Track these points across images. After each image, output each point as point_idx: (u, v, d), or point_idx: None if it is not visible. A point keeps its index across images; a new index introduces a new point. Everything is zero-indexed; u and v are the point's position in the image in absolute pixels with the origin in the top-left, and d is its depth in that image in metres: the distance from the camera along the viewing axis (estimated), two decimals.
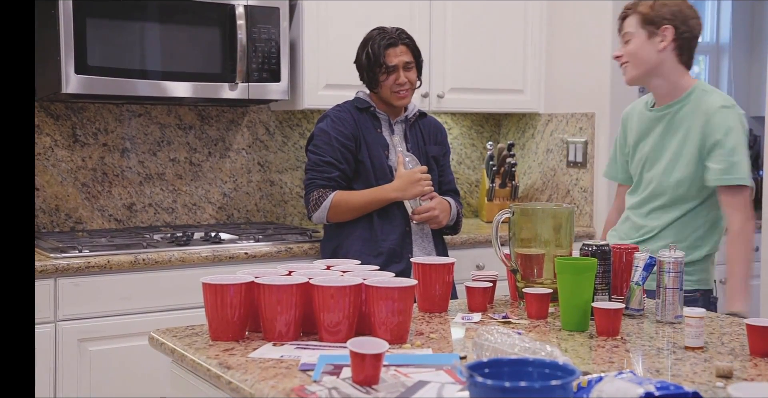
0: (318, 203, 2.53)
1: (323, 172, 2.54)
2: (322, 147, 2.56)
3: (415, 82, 2.62)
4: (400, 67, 2.56)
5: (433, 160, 2.70)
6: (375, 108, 2.63)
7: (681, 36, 2.19)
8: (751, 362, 1.51)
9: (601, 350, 1.59)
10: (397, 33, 2.59)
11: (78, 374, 2.50)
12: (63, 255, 2.52)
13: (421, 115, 2.73)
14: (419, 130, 2.71)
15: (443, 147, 2.76)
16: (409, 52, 2.59)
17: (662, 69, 2.22)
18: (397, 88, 2.57)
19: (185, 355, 1.55)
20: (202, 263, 2.66)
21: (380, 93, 2.61)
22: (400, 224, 2.59)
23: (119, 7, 2.72)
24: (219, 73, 2.89)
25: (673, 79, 2.23)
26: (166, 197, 3.20)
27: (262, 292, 1.58)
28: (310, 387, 1.30)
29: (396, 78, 2.56)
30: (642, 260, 1.83)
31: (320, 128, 2.60)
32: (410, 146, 2.66)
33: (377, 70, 2.56)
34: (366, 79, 2.62)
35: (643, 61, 2.21)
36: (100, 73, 2.69)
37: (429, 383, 1.32)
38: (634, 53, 2.21)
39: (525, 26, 3.56)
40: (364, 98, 2.65)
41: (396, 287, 1.58)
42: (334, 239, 2.63)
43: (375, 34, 2.60)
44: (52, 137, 2.99)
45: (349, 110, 2.62)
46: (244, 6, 2.89)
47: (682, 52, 2.22)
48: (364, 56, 2.58)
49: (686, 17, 2.19)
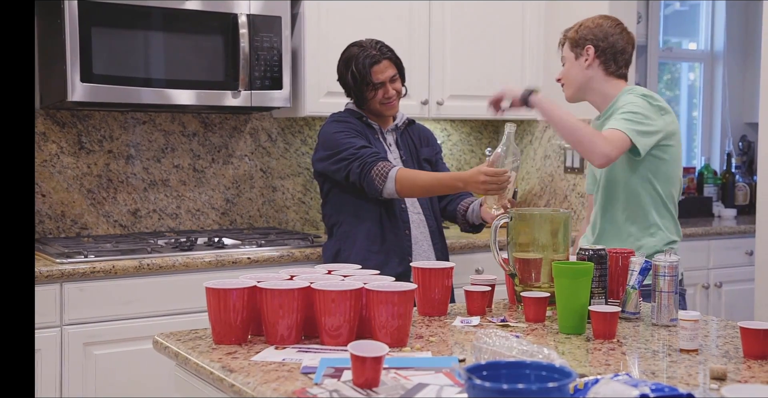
0: (382, 176, 2.46)
1: (365, 154, 2.50)
2: (347, 141, 2.54)
3: (401, 91, 2.64)
4: (387, 82, 2.59)
5: (426, 162, 2.72)
6: (367, 118, 2.66)
7: (603, 52, 2.35)
8: (745, 364, 1.52)
9: (598, 352, 1.60)
10: (378, 47, 2.59)
11: (83, 377, 2.53)
12: (69, 260, 2.54)
13: (410, 122, 2.77)
14: (409, 136, 2.74)
15: (434, 148, 2.79)
16: (392, 65, 2.60)
17: (592, 84, 2.38)
18: (386, 100, 2.60)
19: (189, 358, 1.57)
20: (205, 268, 2.69)
21: (369, 107, 2.64)
22: (401, 228, 2.61)
23: (124, 16, 2.75)
24: (222, 81, 2.92)
25: (603, 92, 2.38)
26: (170, 203, 3.23)
27: (265, 296, 1.60)
28: (311, 390, 1.31)
29: (385, 92, 2.59)
30: (638, 264, 1.85)
31: (329, 132, 2.59)
32: (403, 152, 2.68)
33: (365, 88, 2.58)
34: (354, 97, 2.64)
35: (574, 80, 2.40)
36: (105, 82, 2.72)
37: (428, 385, 1.33)
38: (567, 74, 2.42)
39: (523, 33, 3.58)
40: (355, 110, 2.68)
41: (396, 292, 1.60)
42: (336, 243, 2.65)
43: (356, 52, 2.59)
44: (58, 144, 3.03)
45: (350, 116, 2.65)
46: (246, 15, 2.92)
47: (608, 65, 2.36)
48: (350, 76, 2.59)
49: (606, 34, 2.35)
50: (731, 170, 4.53)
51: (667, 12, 4.73)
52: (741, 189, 4.45)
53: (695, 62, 4.81)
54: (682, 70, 4.91)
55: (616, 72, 2.37)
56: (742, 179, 4.48)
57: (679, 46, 4.86)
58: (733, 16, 4.68)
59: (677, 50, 4.79)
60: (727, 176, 4.49)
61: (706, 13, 4.76)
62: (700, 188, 4.41)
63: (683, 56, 4.83)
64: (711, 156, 4.73)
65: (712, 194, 4.40)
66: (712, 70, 4.74)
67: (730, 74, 4.70)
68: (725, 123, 4.70)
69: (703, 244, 3.75)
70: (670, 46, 4.74)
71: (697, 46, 4.82)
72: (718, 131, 4.74)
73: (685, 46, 4.89)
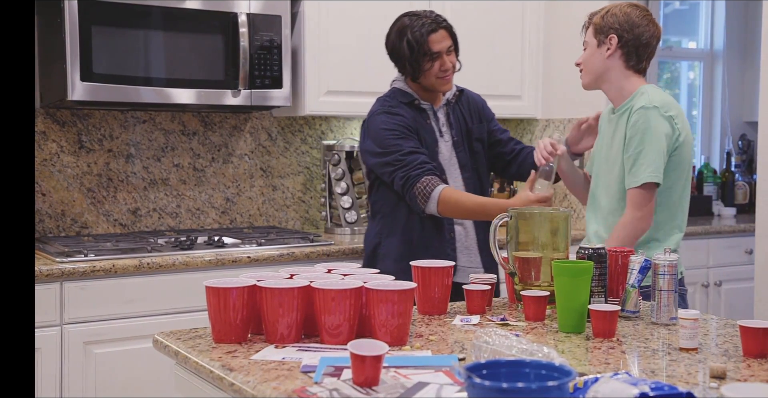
0: (425, 194, 2.37)
1: (411, 163, 2.39)
2: (394, 143, 2.42)
3: (456, 65, 2.51)
4: (444, 53, 2.45)
5: (477, 141, 2.59)
6: (419, 101, 2.52)
7: (626, 44, 2.29)
8: (744, 363, 1.52)
9: (598, 351, 1.61)
10: (433, 17, 2.46)
11: (84, 376, 2.53)
12: (69, 259, 2.55)
13: (460, 92, 2.61)
14: (460, 111, 2.59)
15: (485, 121, 2.64)
16: (449, 36, 2.47)
17: (609, 75, 2.32)
18: (442, 74, 2.46)
19: (189, 357, 1.57)
20: (205, 267, 2.69)
21: (424, 81, 2.49)
22: (443, 232, 2.50)
23: (124, 16, 2.75)
24: (222, 80, 2.92)
25: (619, 85, 2.33)
26: (170, 202, 3.23)
27: (265, 295, 1.60)
28: (311, 389, 1.32)
29: (441, 64, 2.45)
30: (637, 263, 1.85)
31: (378, 127, 2.46)
32: (455, 132, 2.55)
33: (422, 59, 2.43)
34: (409, 70, 2.48)
35: (593, 68, 2.34)
36: (105, 81, 2.72)
37: (428, 384, 1.33)
38: (586, 61, 2.35)
39: (522, 32, 3.59)
40: (405, 90, 2.53)
41: (396, 290, 1.60)
42: (375, 237, 2.56)
43: (410, 21, 2.45)
44: (58, 143, 3.03)
45: (400, 105, 2.50)
46: (246, 14, 2.93)
47: (629, 58, 2.31)
48: (406, 46, 2.43)
49: (633, 25, 2.28)
50: (731, 168, 4.54)
51: (666, 11, 4.73)
52: (741, 188, 4.45)
53: (695, 61, 4.82)
54: (682, 69, 4.91)
55: (636, 66, 2.31)
56: (741, 178, 4.48)
57: (679, 45, 4.86)
58: (733, 15, 4.68)
59: (677, 49, 4.79)
60: (726, 175, 4.49)
61: (706, 12, 4.77)
62: (699, 187, 4.41)
63: (683, 55, 4.84)
64: (711, 155, 4.73)
65: (712, 192, 4.40)
66: (711, 69, 4.75)
67: (729, 73, 4.70)
68: (725, 122, 4.71)
69: (703, 243, 3.75)
70: (670, 45, 4.74)
71: (696, 45, 4.82)
72: (717, 129, 4.74)
73: (685, 45, 4.89)
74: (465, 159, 2.56)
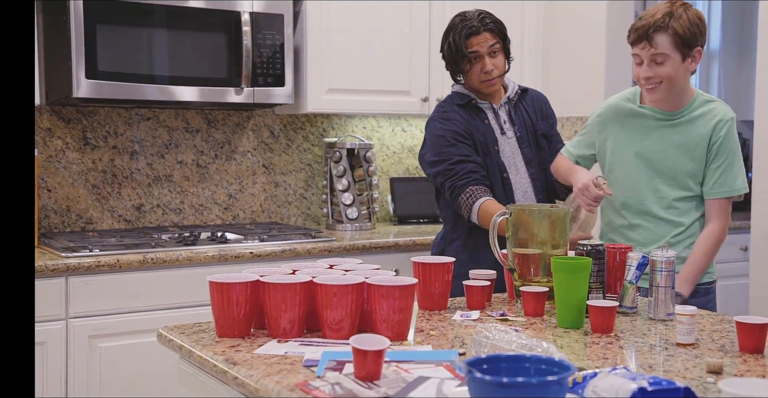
0: (468, 206, 2.35)
1: (458, 172, 2.38)
2: (445, 151, 2.40)
3: (504, 68, 2.46)
4: (485, 55, 2.41)
5: (543, 137, 2.54)
6: (476, 100, 2.49)
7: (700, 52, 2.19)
8: (741, 358, 1.53)
9: (596, 346, 1.62)
10: (479, 18, 2.42)
11: (88, 370, 2.55)
12: (74, 254, 2.57)
13: (523, 92, 2.57)
14: (524, 108, 2.55)
15: (549, 120, 2.60)
16: (495, 38, 2.42)
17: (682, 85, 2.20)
18: (485, 77, 2.43)
19: (192, 351, 1.58)
20: (208, 263, 2.71)
21: (468, 83, 2.48)
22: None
23: (129, 14, 2.77)
24: (225, 78, 2.94)
25: (683, 92, 2.24)
26: (173, 198, 3.25)
27: (267, 290, 1.61)
28: (313, 383, 1.33)
29: (482, 67, 2.41)
30: (635, 259, 1.86)
31: (433, 135, 2.45)
32: (518, 128, 2.51)
33: (460, 61, 2.42)
34: (451, 70, 2.48)
35: (678, 84, 2.17)
36: (110, 78, 2.74)
37: (429, 378, 1.34)
38: (670, 77, 2.14)
39: (522, 31, 3.59)
40: (462, 91, 2.51)
41: (397, 286, 1.61)
42: (441, 243, 2.55)
43: (457, 22, 2.43)
44: (63, 140, 3.05)
45: (454, 109, 2.47)
46: (249, 13, 2.94)
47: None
48: (447, 47, 2.43)
49: (705, 31, 2.17)
50: None
51: None
52: None
53: None
54: None
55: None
56: None
57: None
58: (729, 14, 4.69)
59: None
60: None
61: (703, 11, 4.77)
62: None
63: None
64: None
65: None
66: (707, 67, 4.75)
67: (725, 72, 4.70)
68: None
69: None
70: None
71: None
72: None
73: None
74: (530, 155, 2.51)
